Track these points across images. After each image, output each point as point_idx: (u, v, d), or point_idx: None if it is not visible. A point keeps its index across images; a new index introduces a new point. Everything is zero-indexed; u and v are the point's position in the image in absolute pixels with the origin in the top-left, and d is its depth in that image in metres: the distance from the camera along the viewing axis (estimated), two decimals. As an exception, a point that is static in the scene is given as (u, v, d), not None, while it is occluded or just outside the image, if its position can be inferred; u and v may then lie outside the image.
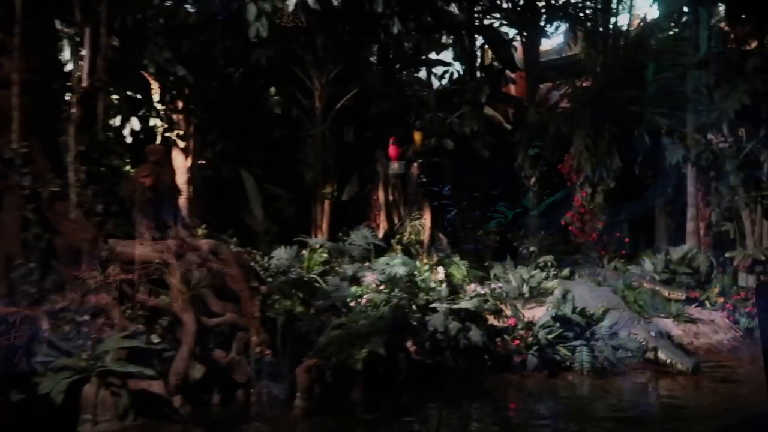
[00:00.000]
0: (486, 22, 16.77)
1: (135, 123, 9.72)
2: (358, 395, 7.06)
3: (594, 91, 14.48)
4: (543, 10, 16.27)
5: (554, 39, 17.98)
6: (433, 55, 15.99)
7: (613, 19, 15.82)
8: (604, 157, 13.40)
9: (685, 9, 13.73)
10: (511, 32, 16.81)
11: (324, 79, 11.97)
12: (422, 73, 15.99)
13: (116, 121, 9.50)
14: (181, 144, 10.35)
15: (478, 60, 17.09)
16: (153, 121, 10.10)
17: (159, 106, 9.96)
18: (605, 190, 13.80)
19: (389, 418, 6.76)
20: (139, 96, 9.84)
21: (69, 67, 8.97)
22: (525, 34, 16.45)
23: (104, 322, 6.60)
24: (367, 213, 13.94)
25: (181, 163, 10.77)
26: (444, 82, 16.25)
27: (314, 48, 11.69)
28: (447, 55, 16.81)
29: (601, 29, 15.75)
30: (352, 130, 14.20)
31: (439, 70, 15.94)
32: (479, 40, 16.77)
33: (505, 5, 16.46)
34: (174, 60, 8.85)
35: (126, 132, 9.66)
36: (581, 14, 16.29)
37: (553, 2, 16.14)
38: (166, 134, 10.12)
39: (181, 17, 10.16)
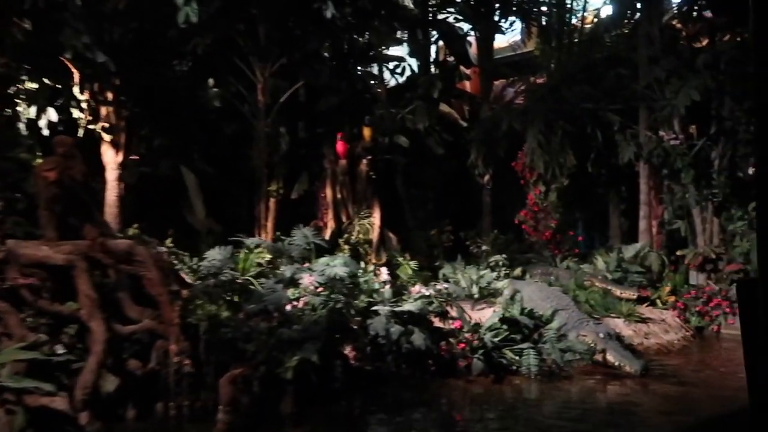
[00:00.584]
0: (440, 16, 16.47)
1: (52, 114, 8.95)
2: (288, 407, 6.57)
3: (548, 88, 14.29)
4: (497, 6, 16.03)
5: (509, 35, 17.82)
6: (391, 51, 15.62)
7: (567, 16, 15.68)
8: (557, 155, 13.19)
9: (638, 6, 13.65)
10: (466, 27, 16.57)
11: (267, 71, 11.38)
12: (376, 69, 15.57)
13: (31, 111, 8.73)
14: (107, 137, 9.61)
15: (433, 56, 16.79)
16: (76, 113, 9.34)
17: (82, 96, 9.20)
18: (559, 188, 13.60)
19: (319, 430, 6.28)
20: (59, 86, 9.07)
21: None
22: (479, 29, 16.18)
23: (0, 332, 5.97)
24: (316, 212, 13.46)
25: (111, 158, 10.06)
26: (400, 78, 15.88)
27: (256, 37, 11.09)
28: (404, 51, 16.45)
29: (555, 26, 15.60)
30: (303, 126, 13.66)
31: (392, 65, 15.56)
32: (434, 36, 16.48)
33: (458, -1, 16.17)
34: (94, 46, 8.13)
35: (42, 123, 8.89)
36: (535, 10, 16.12)
37: (507, -3, 15.92)
38: (90, 127, 9.37)
39: (111, 2, 9.49)
